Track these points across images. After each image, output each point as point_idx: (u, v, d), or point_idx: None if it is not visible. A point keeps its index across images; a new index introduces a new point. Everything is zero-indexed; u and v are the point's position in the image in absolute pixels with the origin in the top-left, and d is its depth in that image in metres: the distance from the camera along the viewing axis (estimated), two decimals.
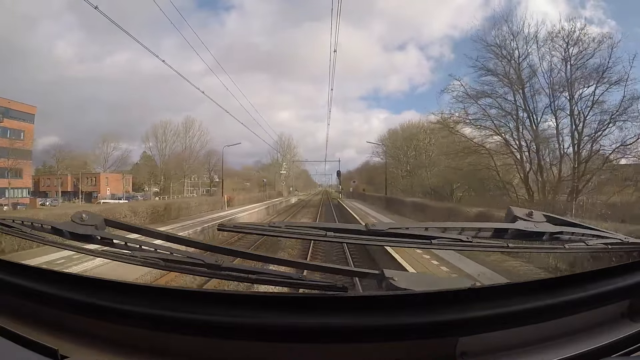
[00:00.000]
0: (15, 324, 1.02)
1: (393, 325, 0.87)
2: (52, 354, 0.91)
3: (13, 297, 1.10)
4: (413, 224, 1.25)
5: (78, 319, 1.00)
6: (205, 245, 1.31)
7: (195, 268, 1.16)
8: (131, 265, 1.18)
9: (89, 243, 1.22)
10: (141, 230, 1.35)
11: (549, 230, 1.20)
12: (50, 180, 41.50)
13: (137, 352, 0.95)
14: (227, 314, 0.89)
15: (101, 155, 43.55)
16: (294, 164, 55.94)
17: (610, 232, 1.31)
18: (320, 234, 1.16)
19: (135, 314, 0.94)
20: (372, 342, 0.88)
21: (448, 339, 0.88)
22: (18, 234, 1.35)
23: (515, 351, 0.91)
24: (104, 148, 43.25)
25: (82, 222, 1.22)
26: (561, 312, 0.94)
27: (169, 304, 0.93)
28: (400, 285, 1.00)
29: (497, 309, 0.88)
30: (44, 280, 1.07)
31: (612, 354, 0.93)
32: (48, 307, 1.04)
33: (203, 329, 0.91)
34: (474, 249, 1.20)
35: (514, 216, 1.24)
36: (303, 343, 0.90)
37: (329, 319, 0.88)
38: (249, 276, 1.09)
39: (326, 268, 1.20)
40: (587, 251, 1.24)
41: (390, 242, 1.16)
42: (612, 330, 0.99)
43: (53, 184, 41.14)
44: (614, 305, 1.02)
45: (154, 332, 0.94)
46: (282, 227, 1.16)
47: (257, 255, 1.27)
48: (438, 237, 1.16)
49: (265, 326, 0.88)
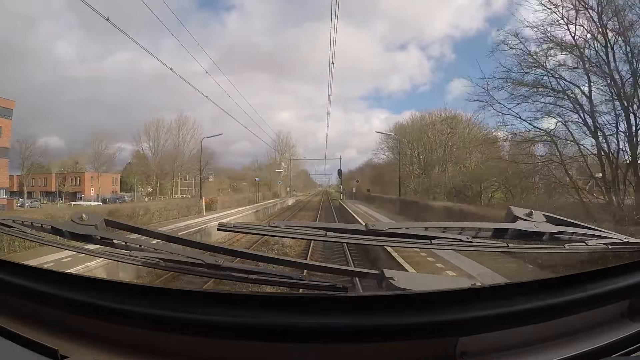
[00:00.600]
0: (15, 324, 1.02)
1: (393, 325, 0.87)
2: (52, 354, 0.91)
3: (13, 297, 1.10)
4: (413, 224, 1.26)
5: (78, 319, 1.00)
6: (205, 245, 1.31)
7: (195, 268, 1.16)
8: (131, 265, 1.18)
9: (89, 243, 1.22)
10: (141, 230, 1.35)
11: (549, 230, 1.20)
12: (35, 179, 38.94)
13: (137, 352, 0.95)
14: (227, 314, 0.89)
15: (93, 154, 40.83)
16: (293, 163, 53.20)
17: (610, 232, 1.31)
18: (320, 234, 1.16)
19: (135, 314, 0.94)
20: (372, 342, 0.88)
21: (448, 339, 0.88)
22: (18, 234, 1.35)
23: (515, 351, 0.91)
24: (96, 147, 40.65)
25: (82, 222, 1.22)
26: (561, 312, 0.93)
27: (169, 304, 0.93)
28: (400, 285, 1.00)
29: (497, 309, 0.88)
30: (44, 280, 1.07)
31: (612, 354, 0.93)
32: (48, 307, 1.04)
33: (203, 329, 0.91)
34: (474, 249, 1.20)
35: (514, 216, 1.24)
36: (303, 343, 0.90)
37: (329, 319, 0.88)
38: (249, 276, 1.09)
39: (326, 268, 1.20)
40: (587, 251, 1.24)
41: (390, 242, 1.16)
42: (612, 330, 0.98)
43: (37, 184, 38.95)
44: (614, 305, 1.02)
45: (154, 332, 0.94)
46: (282, 227, 1.16)
47: (257, 255, 1.27)
48: (438, 237, 1.16)
49: (265, 326, 0.88)
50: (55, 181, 38.81)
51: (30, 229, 1.34)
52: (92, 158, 40.44)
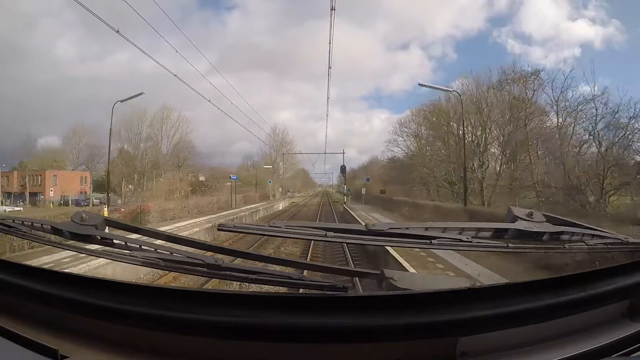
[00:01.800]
0: (15, 324, 1.02)
1: (393, 325, 0.87)
2: (52, 354, 0.91)
3: (13, 297, 1.10)
4: (413, 224, 1.25)
5: (78, 319, 1.00)
6: (205, 245, 1.31)
7: (195, 268, 1.16)
8: (131, 265, 1.18)
9: (89, 243, 1.22)
10: (141, 230, 1.35)
11: (549, 230, 1.20)
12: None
13: (137, 352, 0.95)
14: (227, 314, 0.89)
15: (71, 151, 35.88)
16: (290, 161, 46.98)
17: (610, 232, 1.31)
18: (320, 234, 1.16)
19: (135, 314, 0.94)
20: (372, 342, 0.88)
21: (448, 339, 0.88)
22: (18, 234, 1.35)
23: (515, 351, 0.91)
24: (75, 143, 35.88)
25: (82, 222, 1.22)
26: (561, 312, 0.93)
27: (169, 304, 0.93)
28: (400, 285, 1.00)
29: (497, 309, 0.88)
30: (44, 280, 1.07)
31: (612, 354, 0.93)
32: (48, 307, 1.04)
33: (203, 329, 0.91)
34: (474, 249, 1.20)
35: (514, 216, 1.24)
36: (303, 343, 0.90)
37: (329, 319, 0.88)
38: (249, 276, 1.09)
39: (326, 268, 1.20)
40: (587, 251, 1.24)
41: (390, 242, 1.16)
42: (612, 330, 0.99)
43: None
44: (614, 305, 1.02)
45: (154, 332, 0.94)
46: (282, 227, 1.16)
47: (257, 255, 1.27)
48: (438, 237, 1.16)
49: (265, 326, 0.88)
50: (17, 180, 33.92)
51: (30, 229, 1.34)
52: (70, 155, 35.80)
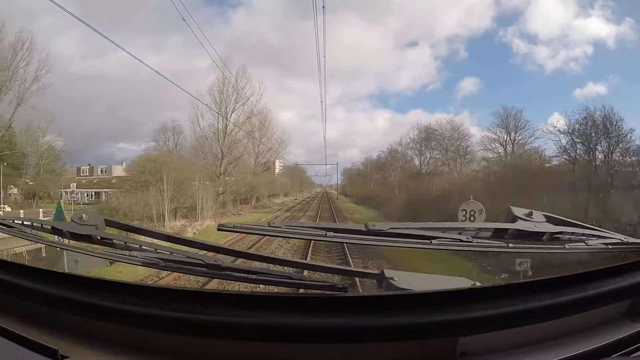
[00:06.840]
0: (15, 324, 1.02)
1: (393, 325, 0.87)
2: (52, 354, 0.91)
3: (13, 297, 1.10)
4: (413, 224, 1.25)
5: (78, 319, 1.00)
6: (205, 245, 1.31)
7: (195, 268, 1.16)
8: (131, 265, 1.18)
9: (89, 243, 1.22)
10: (141, 230, 1.35)
11: (549, 230, 1.20)
12: None
13: (137, 352, 0.95)
14: (227, 314, 0.89)
15: None
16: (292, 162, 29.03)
17: (610, 232, 1.31)
18: (320, 234, 1.16)
19: (135, 314, 0.94)
20: (372, 342, 0.88)
21: (448, 339, 0.88)
22: (18, 234, 1.35)
23: (515, 351, 0.91)
24: None
25: (82, 222, 1.22)
26: (561, 312, 0.93)
27: (169, 304, 0.93)
28: (400, 285, 1.00)
29: (497, 309, 0.88)
30: (45, 280, 1.07)
31: (612, 354, 0.93)
32: (48, 307, 1.04)
33: (203, 328, 0.91)
34: (474, 249, 1.19)
35: (514, 216, 1.24)
36: (303, 343, 0.90)
37: (329, 319, 0.88)
38: (249, 276, 1.09)
39: (326, 268, 1.20)
40: (587, 251, 1.24)
41: (390, 242, 1.16)
42: (612, 330, 0.98)
43: None
44: (614, 305, 1.02)
45: (154, 332, 0.94)
46: (282, 227, 1.16)
47: (257, 255, 1.27)
48: (438, 237, 1.16)
49: (265, 326, 0.88)
50: None
51: (31, 229, 1.34)
52: None
